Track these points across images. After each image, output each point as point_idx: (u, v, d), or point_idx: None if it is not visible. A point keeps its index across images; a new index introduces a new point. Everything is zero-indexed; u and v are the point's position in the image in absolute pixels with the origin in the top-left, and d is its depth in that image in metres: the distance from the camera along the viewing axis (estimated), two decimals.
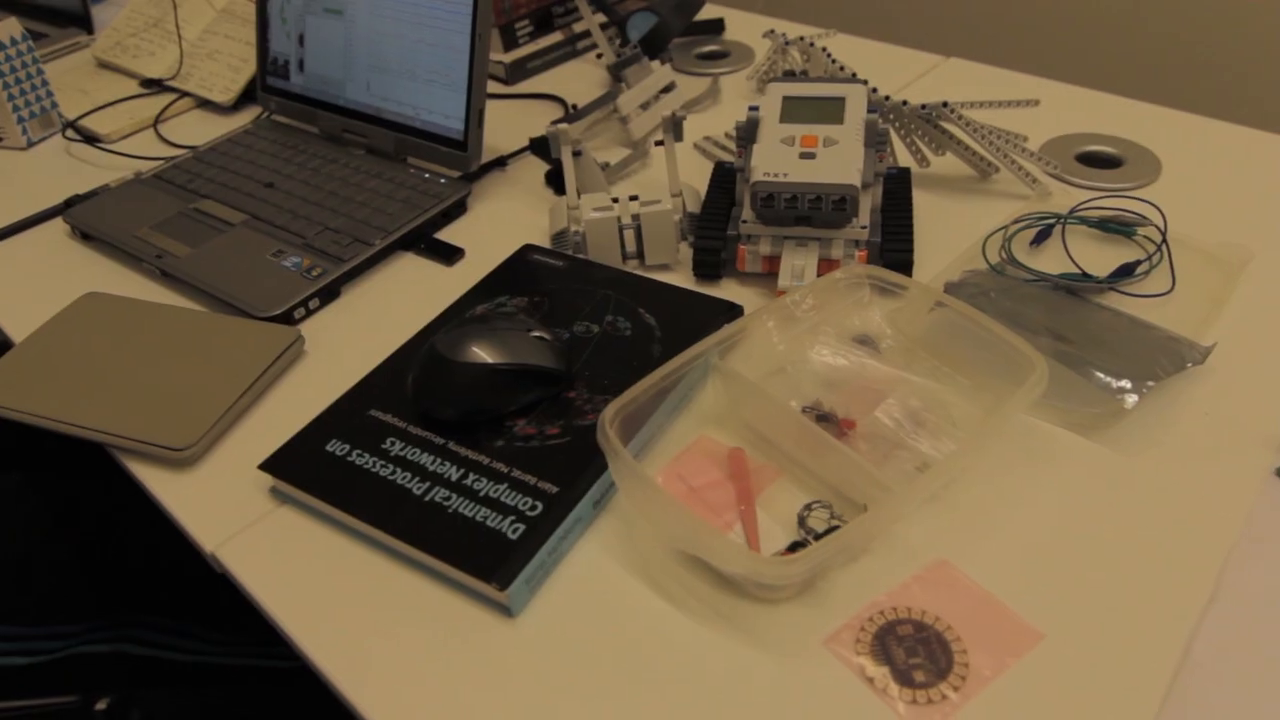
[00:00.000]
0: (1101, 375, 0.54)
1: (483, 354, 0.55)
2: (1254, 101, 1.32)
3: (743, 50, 1.02)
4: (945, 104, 0.71)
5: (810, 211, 0.63)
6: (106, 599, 0.94)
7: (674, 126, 0.73)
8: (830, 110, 0.66)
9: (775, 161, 0.63)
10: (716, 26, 1.05)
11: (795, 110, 0.66)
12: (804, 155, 0.63)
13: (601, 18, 1.01)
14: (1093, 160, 0.78)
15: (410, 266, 0.74)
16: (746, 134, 0.67)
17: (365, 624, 0.48)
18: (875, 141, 0.66)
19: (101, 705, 1.15)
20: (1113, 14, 1.38)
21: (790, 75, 0.84)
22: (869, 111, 0.65)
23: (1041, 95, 0.88)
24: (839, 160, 0.62)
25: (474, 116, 0.77)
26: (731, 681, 0.44)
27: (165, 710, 1.12)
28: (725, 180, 0.72)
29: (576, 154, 0.75)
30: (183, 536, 0.55)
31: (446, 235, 0.77)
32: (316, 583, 0.51)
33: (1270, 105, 1.30)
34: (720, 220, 0.68)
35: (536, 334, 0.57)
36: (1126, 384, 0.53)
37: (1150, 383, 0.53)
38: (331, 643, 0.48)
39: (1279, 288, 0.63)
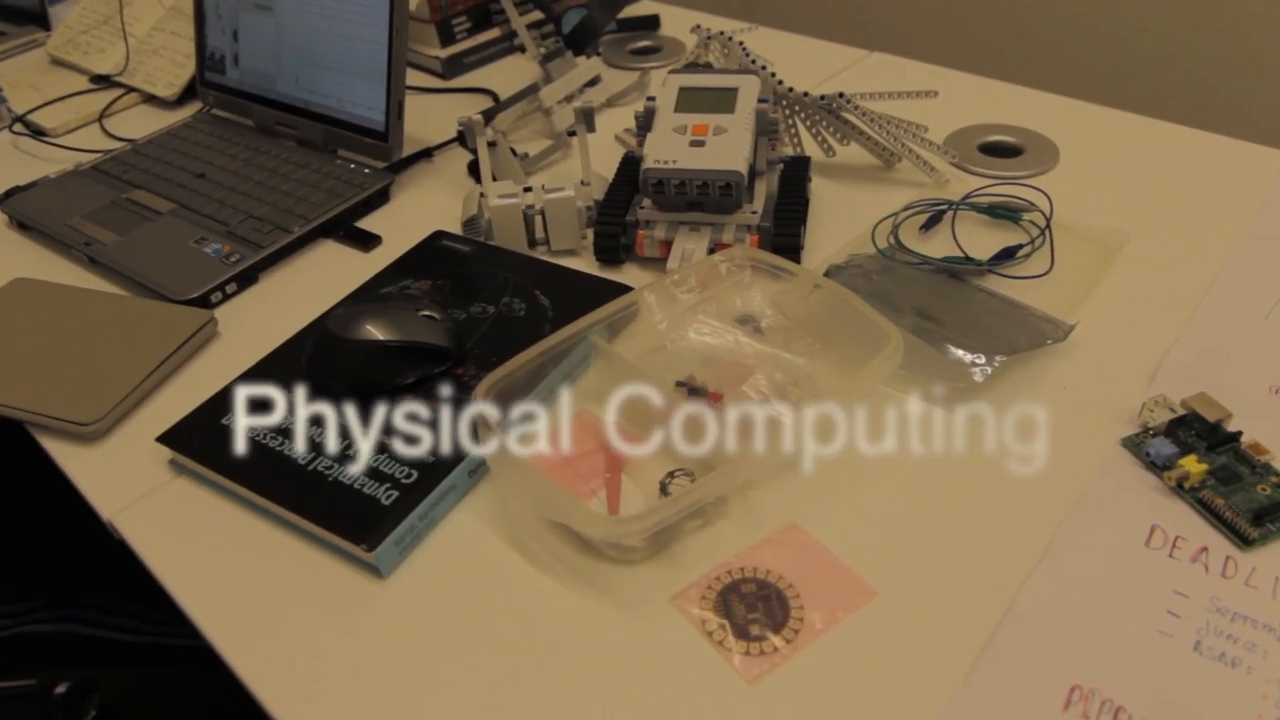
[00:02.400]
0: (956, 350, 0.56)
1: (373, 331, 0.58)
2: (1150, 90, 1.38)
3: (675, 46, 1.04)
4: (842, 95, 0.73)
5: (700, 197, 0.66)
6: (50, 579, 0.96)
7: (585, 117, 0.76)
8: (723, 100, 0.68)
9: (666, 149, 0.66)
10: (652, 23, 1.07)
11: (690, 100, 0.69)
12: (694, 143, 0.66)
13: (537, 15, 1.04)
14: (995, 149, 0.81)
15: (329, 253, 0.77)
16: (644, 123, 0.69)
17: (249, 588, 0.51)
18: (767, 130, 0.68)
19: (61, 689, 1.18)
20: (1030, 10, 1.43)
21: (693, 67, 0.86)
22: (760, 102, 0.68)
23: (954, 88, 0.90)
24: (726, 148, 0.65)
25: (394, 108, 0.80)
26: (584, 637, 0.47)
27: (124, 693, 1.15)
28: (631, 169, 0.74)
29: (492, 144, 0.77)
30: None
31: (368, 223, 0.79)
32: (207, 549, 0.53)
33: (1165, 94, 1.37)
34: (621, 207, 0.70)
35: (426, 313, 0.59)
36: (980, 359, 0.56)
37: (1001, 357, 0.56)
38: (217, 606, 0.50)
39: (1150, 269, 0.66)
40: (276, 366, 0.61)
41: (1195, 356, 0.58)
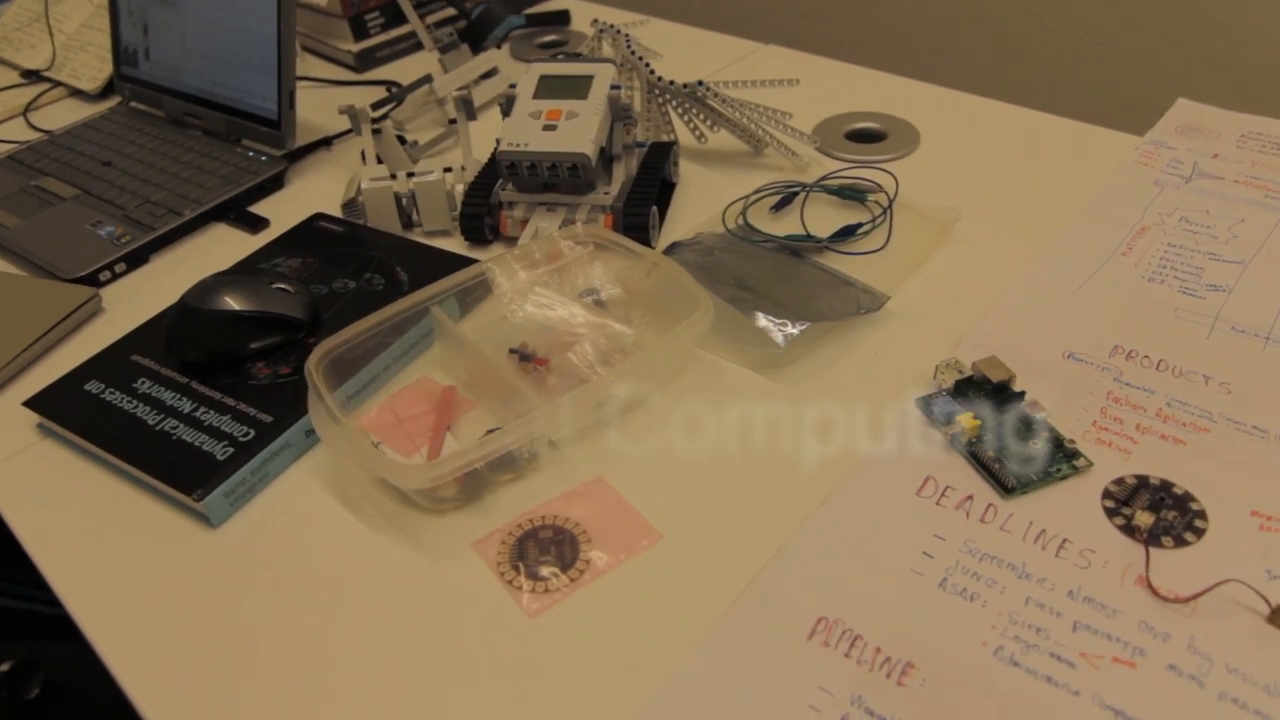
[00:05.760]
0: (763, 317, 0.60)
1: (228, 302, 0.61)
2: (1011, 77, 1.48)
3: (582, 40, 1.08)
4: (701, 83, 0.77)
5: (552, 178, 0.69)
6: None
7: (464, 106, 0.80)
8: (578, 87, 0.72)
9: (520, 133, 0.69)
10: (562, 17, 1.11)
11: (548, 87, 0.72)
12: (546, 127, 0.69)
13: (449, 12, 1.07)
14: (862, 135, 0.84)
15: (220, 236, 0.81)
16: (505, 110, 0.73)
17: (96, 541, 0.54)
18: (621, 115, 0.72)
19: (4, 667, 1.22)
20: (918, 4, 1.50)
21: (559, 57, 0.90)
22: (612, 88, 0.71)
23: (832, 78, 0.94)
24: (576, 131, 0.69)
25: (285, 99, 0.83)
26: (393, 582, 0.50)
27: (68, 669, 1.19)
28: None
29: (376, 131, 0.81)
30: None
31: (261, 208, 0.83)
32: (65, 505, 0.57)
33: (1025, 80, 1.46)
34: (487, 189, 0.74)
35: (279, 286, 0.63)
36: (786, 324, 0.59)
37: (805, 324, 0.59)
38: (63, 556, 0.54)
39: (979, 245, 0.69)
40: (143, 337, 0.65)
41: (1001, 324, 0.62)
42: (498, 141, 0.80)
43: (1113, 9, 1.33)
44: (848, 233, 0.70)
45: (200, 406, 0.58)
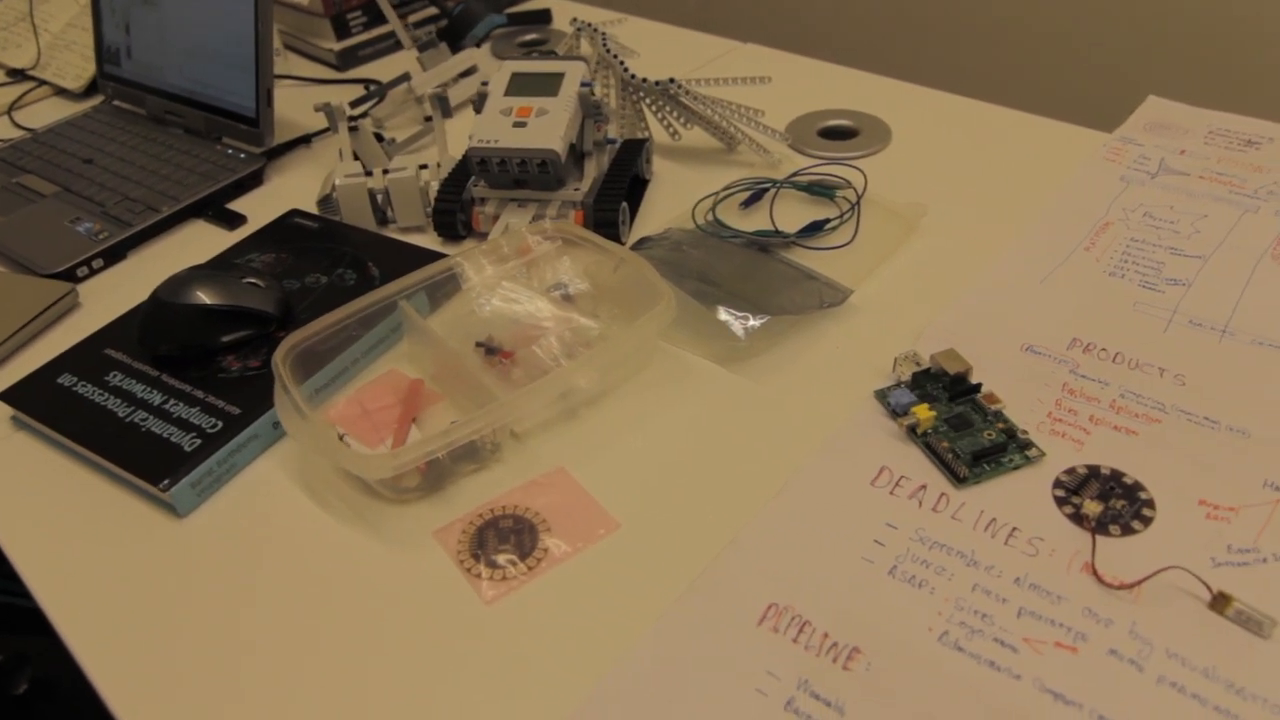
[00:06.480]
0: (724, 311, 0.60)
1: (199, 296, 0.62)
2: (983, 75, 1.49)
3: (563, 38, 1.08)
4: (673, 80, 0.78)
5: (522, 174, 0.70)
6: None
7: (439, 103, 0.80)
8: (549, 85, 0.73)
9: (490, 130, 0.70)
10: (543, 16, 1.12)
11: (519, 85, 0.73)
12: (516, 124, 0.70)
13: (431, 11, 1.08)
14: (835, 133, 0.85)
15: (198, 232, 0.81)
16: (478, 107, 0.74)
17: (67, 531, 0.55)
18: (592, 113, 0.73)
19: None
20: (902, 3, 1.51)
21: (533, 55, 0.91)
22: (582, 85, 0.72)
23: (808, 76, 0.95)
24: (545, 128, 0.69)
25: (263, 96, 0.84)
26: (355, 570, 0.51)
27: (56, 664, 1.20)
28: None
29: (353, 129, 0.82)
30: None
31: (239, 205, 0.84)
32: (36, 497, 0.58)
33: (997, 78, 1.48)
34: (460, 185, 0.75)
35: (249, 280, 0.64)
36: (747, 317, 0.60)
37: (766, 317, 0.60)
38: (33, 547, 0.55)
39: (946, 240, 0.70)
40: (117, 331, 0.66)
41: (963, 318, 0.63)
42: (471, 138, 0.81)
43: (1088, 7, 1.34)
44: (815, 228, 0.71)
45: (170, 399, 0.59)
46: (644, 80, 0.80)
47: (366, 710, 0.44)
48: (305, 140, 0.92)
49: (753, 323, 0.60)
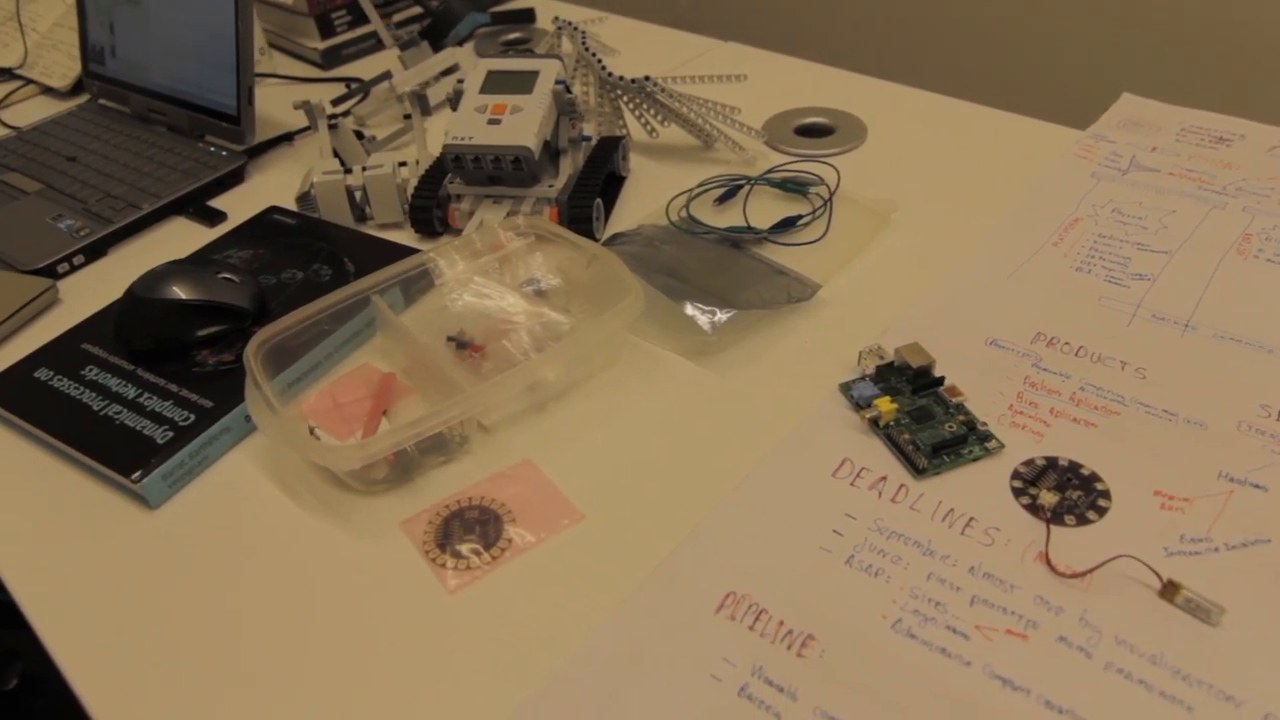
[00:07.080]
0: (691, 305, 0.61)
1: (175, 291, 0.63)
2: (960, 73, 1.51)
3: (545, 36, 1.09)
4: (647, 78, 0.78)
5: (496, 171, 0.71)
6: None
7: (418, 101, 0.81)
8: (524, 82, 0.73)
9: (465, 127, 0.71)
10: (527, 15, 1.13)
11: (495, 83, 0.74)
12: (491, 121, 0.71)
13: (414, 11, 1.09)
14: (812, 130, 0.86)
15: (178, 229, 0.82)
16: (454, 104, 0.75)
17: (39, 522, 0.56)
18: (566, 110, 0.73)
19: None
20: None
21: (508, 52, 0.92)
22: (556, 83, 0.73)
23: (786, 74, 0.95)
24: (519, 125, 0.70)
25: (244, 94, 0.85)
26: (323, 560, 0.52)
27: (46, 659, 1.20)
28: None
29: (332, 126, 0.83)
30: None
31: (221, 202, 0.85)
32: (10, 490, 0.58)
33: (972, 75, 1.50)
34: (436, 182, 0.75)
35: (225, 275, 0.65)
36: (714, 312, 0.61)
37: (732, 311, 0.61)
38: (6, 539, 0.55)
39: (916, 236, 0.71)
40: (94, 326, 0.67)
41: (929, 312, 0.63)
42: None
43: (1068, 5, 1.35)
44: (788, 224, 0.72)
45: (144, 393, 0.60)
46: (621, 78, 0.80)
47: (331, 695, 0.45)
48: (288, 138, 0.92)
49: (720, 317, 0.61)
